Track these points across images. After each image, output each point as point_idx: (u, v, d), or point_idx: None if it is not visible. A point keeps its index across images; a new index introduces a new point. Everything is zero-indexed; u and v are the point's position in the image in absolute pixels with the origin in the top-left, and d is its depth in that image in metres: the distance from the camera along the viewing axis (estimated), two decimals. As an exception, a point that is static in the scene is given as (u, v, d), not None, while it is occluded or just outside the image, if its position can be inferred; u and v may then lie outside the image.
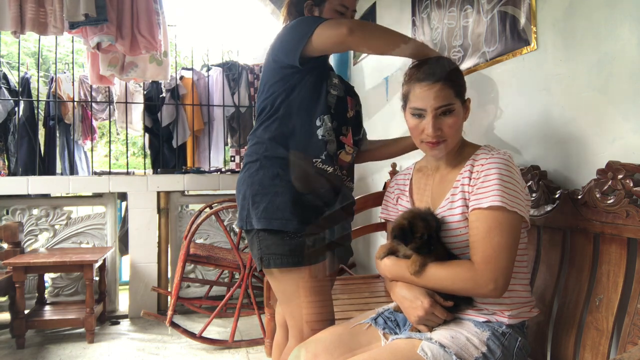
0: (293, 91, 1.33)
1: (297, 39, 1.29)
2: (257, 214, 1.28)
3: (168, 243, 3.34)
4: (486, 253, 1.05)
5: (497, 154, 1.11)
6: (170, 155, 4.05)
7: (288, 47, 1.32)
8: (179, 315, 3.12)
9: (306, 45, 1.27)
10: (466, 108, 1.21)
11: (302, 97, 1.33)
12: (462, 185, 1.13)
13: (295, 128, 1.33)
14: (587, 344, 1.18)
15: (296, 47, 1.28)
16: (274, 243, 1.27)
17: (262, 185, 1.30)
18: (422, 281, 1.13)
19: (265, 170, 1.31)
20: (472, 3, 1.89)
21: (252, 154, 1.37)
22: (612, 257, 1.15)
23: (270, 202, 1.27)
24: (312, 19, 1.32)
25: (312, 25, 1.27)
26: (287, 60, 1.32)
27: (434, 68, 1.16)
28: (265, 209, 1.27)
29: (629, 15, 1.19)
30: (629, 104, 1.20)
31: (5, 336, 2.76)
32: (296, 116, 1.33)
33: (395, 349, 1.09)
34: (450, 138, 1.16)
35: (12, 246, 2.85)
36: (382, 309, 1.31)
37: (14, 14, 2.68)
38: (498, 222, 1.05)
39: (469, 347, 1.06)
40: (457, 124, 1.16)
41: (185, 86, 4.02)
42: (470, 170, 1.13)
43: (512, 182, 1.07)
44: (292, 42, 1.31)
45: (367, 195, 2.53)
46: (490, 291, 1.04)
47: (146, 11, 2.93)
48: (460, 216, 1.12)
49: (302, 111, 1.33)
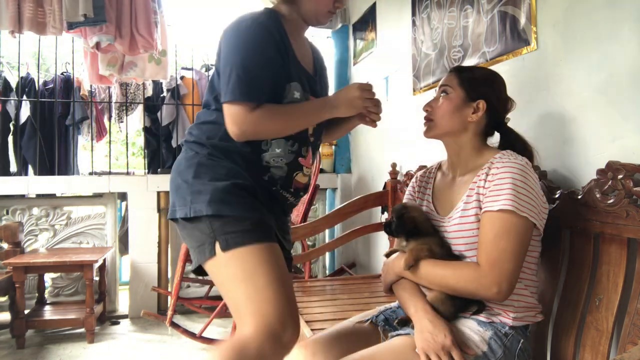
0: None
1: (223, 84, 1.13)
2: (204, 200, 1.10)
3: (168, 243, 3.34)
4: (492, 256, 1.04)
5: (514, 159, 1.11)
6: (169, 155, 4.04)
7: (222, 75, 1.15)
8: (179, 315, 3.12)
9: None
10: (473, 108, 1.21)
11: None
12: (477, 188, 1.13)
13: (237, 147, 1.17)
14: (587, 344, 1.18)
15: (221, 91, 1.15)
16: (228, 222, 1.09)
17: (206, 169, 1.15)
18: (425, 277, 1.14)
19: (210, 156, 1.17)
20: (472, 3, 1.89)
21: (199, 135, 1.21)
22: (612, 257, 1.15)
23: (215, 188, 1.11)
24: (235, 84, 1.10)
25: (233, 89, 1.10)
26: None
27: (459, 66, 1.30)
28: (214, 192, 1.11)
29: (629, 15, 1.19)
30: (629, 104, 1.20)
31: (5, 336, 2.76)
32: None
33: (395, 346, 1.10)
34: (437, 120, 1.23)
35: (12, 246, 2.85)
36: (384, 307, 1.32)
37: (11, 13, 2.68)
38: (507, 226, 1.04)
39: (470, 345, 1.07)
40: (446, 109, 1.21)
41: (186, 86, 4.02)
42: (487, 173, 1.13)
43: (526, 187, 1.06)
44: (223, 74, 1.14)
45: (367, 195, 2.53)
46: (493, 294, 1.04)
47: (145, 10, 2.93)
48: (473, 218, 1.12)
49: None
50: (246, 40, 1.12)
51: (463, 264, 1.12)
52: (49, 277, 3.17)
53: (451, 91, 1.22)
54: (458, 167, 1.25)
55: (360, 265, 3.26)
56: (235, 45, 1.13)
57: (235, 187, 1.12)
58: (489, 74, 1.27)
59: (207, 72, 4.13)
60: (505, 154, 1.15)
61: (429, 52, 2.27)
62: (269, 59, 1.13)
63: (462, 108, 1.21)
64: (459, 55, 1.99)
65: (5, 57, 4.46)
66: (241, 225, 1.08)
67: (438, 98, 1.25)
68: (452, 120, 1.21)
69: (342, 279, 2.55)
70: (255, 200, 1.15)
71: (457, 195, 1.20)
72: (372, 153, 3.10)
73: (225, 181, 1.12)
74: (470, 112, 1.21)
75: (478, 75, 1.24)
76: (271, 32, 1.14)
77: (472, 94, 1.20)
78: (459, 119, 1.21)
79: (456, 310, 1.13)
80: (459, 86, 1.21)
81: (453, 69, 1.27)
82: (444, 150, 1.30)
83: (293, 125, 1.18)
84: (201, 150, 1.19)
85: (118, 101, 4.11)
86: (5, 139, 3.84)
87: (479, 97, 1.20)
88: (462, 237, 1.14)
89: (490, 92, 1.22)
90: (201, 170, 1.15)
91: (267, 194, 1.21)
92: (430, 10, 2.25)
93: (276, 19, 1.19)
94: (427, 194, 1.32)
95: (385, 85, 2.79)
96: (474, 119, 1.21)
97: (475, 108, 1.21)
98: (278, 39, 1.15)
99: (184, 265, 2.62)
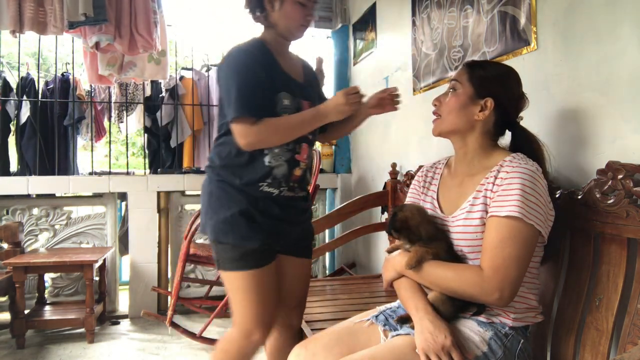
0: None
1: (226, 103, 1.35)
2: (210, 226, 1.39)
3: (168, 243, 3.34)
4: (496, 262, 1.03)
5: (524, 164, 1.09)
6: (168, 155, 4.04)
7: (225, 100, 1.37)
8: (179, 315, 3.12)
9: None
10: (481, 106, 1.17)
11: None
12: (485, 190, 1.12)
13: (242, 154, 1.37)
14: (587, 344, 1.18)
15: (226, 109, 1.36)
16: (223, 248, 1.38)
17: (215, 199, 1.40)
18: (427, 277, 1.13)
19: (219, 183, 1.41)
20: (472, 3, 1.89)
21: (213, 158, 1.45)
22: (612, 257, 1.15)
23: (218, 218, 1.37)
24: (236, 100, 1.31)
25: (234, 108, 1.31)
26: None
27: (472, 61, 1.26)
28: (217, 222, 1.38)
29: (629, 15, 1.19)
30: (629, 104, 1.20)
31: (5, 336, 2.76)
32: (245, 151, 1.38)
33: (395, 346, 1.09)
34: (443, 116, 1.21)
35: (12, 246, 2.84)
36: (384, 307, 1.31)
37: (12, 13, 2.68)
38: (513, 232, 1.03)
39: (470, 345, 1.07)
40: (452, 105, 1.19)
41: (185, 86, 4.02)
42: (496, 176, 1.11)
43: (534, 194, 1.05)
44: (225, 99, 1.36)
45: (367, 195, 2.53)
46: (495, 300, 1.04)
47: (144, 10, 2.93)
48: (478, 221, 1.11)
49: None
50: (237, 66, 1.35)
51: (466, 266, 1.10)
52: (49, 277, 3.17)
53: (459, 87, 1.19)
54: (466, 166, 1.22)
55: (360, 265, 3.26)
56: (229, 73, 1.35)
57: (231, 217, 1.36)
58: (503, 71, 1.22)
59: (207, 73, 4.13)
60: (515, 157, 1.12)
61: (429, 52, 2.27)
62: (256, 77, 1.33)
63: (469, 105, 1.17)
64: (459, 55, 1.99)
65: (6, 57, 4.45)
66: (234, 253, 1.36)
67: (447, 93, 1.23)
68: (458, 117, 1.18)
69: (342, 279, 2.55)
70: (248, 226, 1.36)
71: (464, 195, 1.18)
72: (372, 153, 3.10)
73: (225, 211, 1.36)
74: (477, 110, 1.17)
75: (490, 72, 1.20)
76: (255, 56, 1.36)
77: (481, 91, 1.17)
78: (465, 116, 1.18)
79: (456, 311, 1.13)
80: (468, 82, 1.18)
81: (466, 64, 1.23)
82: (445, 149, 1.29)
83: (291, 134, 1.37)
84: (213, 176, 1.43)
85: (117, 101, 4.11)
86: (5, 140, 3.84)
87: (487, 94, 1.16)
88: (465, 238, 1.13)
89: (501, 90, 1.18)
90: (212, 199, 1.41)
91: (268, 204, 1.39)
92: (430, 11, 2.25)
93: (259, 44, 1.41)
94: (432, 190, 1.30)
95: (385, 85, 2.79)
96: (480, 117, 1.17)
97: (483, 106, 1.17)
98: (261, 60, 1.37)
99: (184, 265, 2.61)
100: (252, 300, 1.37)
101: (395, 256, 1.23)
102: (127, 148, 4.09)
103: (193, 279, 3.24)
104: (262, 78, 1.34)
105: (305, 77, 1.52)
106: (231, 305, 1.43)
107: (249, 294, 1.37)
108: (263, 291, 1.39)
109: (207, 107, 4.08)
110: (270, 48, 1.42)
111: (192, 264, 3.13)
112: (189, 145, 4.08)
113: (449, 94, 1.22)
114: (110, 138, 3.97)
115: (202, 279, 3.35)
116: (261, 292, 1.38)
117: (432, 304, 1.13)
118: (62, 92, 3.85)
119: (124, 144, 4.67)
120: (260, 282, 1.38)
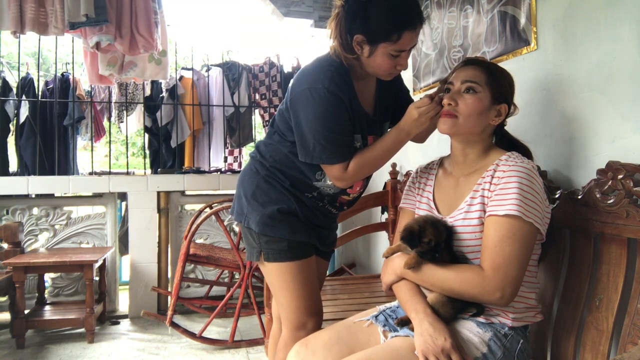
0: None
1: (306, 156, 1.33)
2: (255, 219, 1.38)
3: (168, 243, 3.34)
4: (496, 261, 1.04)
5: (520, 162, 1.09)
6: (168, 155, 4.04)
7: (307, 137, 1.31)
8: (179, 315, 3.12)
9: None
10: (497, 111, 1.17)
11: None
12: (482, 190, 1.12)
13: (295, 167, 1.39)
14: (587, 344, 1.18)
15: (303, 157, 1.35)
16: (271, 240, 1.39)
17: (262, 192, 1.40)
18: (427, 279, 1.13)
19: (268, 178, 1.41)
20: (472, 3, 1.89)
21: (264, 153, 1.44)
22: (612, 257, 1.15)
23: (265, 212, 1.38)
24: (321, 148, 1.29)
25: (320, 155, 1.30)
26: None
27: (478, 59, 1.24)
28: (263, 216, 1.38)
29: (629, 15, 1.19)
30: (629, 104, 1.20)
31: (5, 336, 2.75)
32: (298, 165, 1.39)
33: (393, 347, 1.09)
34: (462, 117, 1.16)
35: (12, 246, 2.84)
36: (384, 306, 1.31)
37: (13, 13, 2.68)
38: (512, 231, 1.03)
39: (470, 347, 1.06)
40: (474, 109, 1.14)
41: (185, 86, 4.02)
42: (492, 175, 1.11)
43: (532, 192, 1.05)
44: (308, 137, 1.31)
45: (367, 195, 2.53)
46: (496, 299, 1.04)
47: (145, 10, 2.93)
48: (477, 220, 1.11)
49: (305, 165, 1.37)
50: (322, 109, 1.27)
51: (466, 267, 1.10)
52: (49, 277, 3.17)
53: (480, 90, 1.15)
54: (463, 166, 1.22)
55: (360, 265, 3.26)
56: (312, 114, 1.28)
57: (279, 213, 1.37)
58: (509, 76, 1.22)
59: (206, 73, 4.13)
60: (511, 156, 1.13)
61: (429, 52, 2.27)
62: (345, 124, 1.30)
63: (489, 110, 1.16)
64: (459, 55, 1.99)
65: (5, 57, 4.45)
66: (280, 245, 1.38)
67: (460, 92, 1.17)
68: (478, 121, 1.16)
69: (342, 279, 2.55)
70: (297, 221, 1.39)
71: (461, 195, 1.18)
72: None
73: (273, 206, 1.38)
74: (493, 115, 1.17)
75: (504, 77, 1.19)
76: (342, 99, 1.28)
77: (498, 96, 1.16)
78: (484, 121, 1.17)
79: (456, 313, 1.13)
80: (487, 85, 1.15)
81: (477, 63, 1.20)
82: (445, 149, 1.29)
83: (382, 162, 1.36)
84: (261, 170, 1.42)
85: (117, 101, 4.11)
86: (5, 140, 3.84)
87: (503, 100, 1.17)
88: (464, 239, 1.13)
89: (511, 96, 1.20)
90: (257, 192, 1.41)
91: (311, 210, 1.43)
92: (430, 10, 2.25)
93: (342, 69, 1.30)
94: (428, 190, 1.29)
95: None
96: (495, 122, 1.17)
97: (498, 112, 1.17)
98: (348, 102, 1.30)
99: (183, 265, 2.61)
100: (301, 289, 1.39)
101: (394, 259, 1.23)
102: (127, 148, 4.09)
103: (193, 279, 3.24)
104: (348, 125, 1.31)
105: (376, 107, 1.44)
106: (278, 303, 1.44)
107: (297, 283, 1.38)
108: (311, 280, 1.41)
109: (206, 107, 4.08)
110: (351, 74, 1.32)
111: (192, 264, 3.13)
112: (190, 145, 4.08)
113: (462, 94, 1.16)
114: (110, 138, 3.98)
115: (202, 279, 3.35)
116: (309, 281, 1.41)
117: (432, 306, 1.13)
118: (61, 92, 3.85)
119: (124, 144, 4.67)
120: (307, 271, 1.40)
